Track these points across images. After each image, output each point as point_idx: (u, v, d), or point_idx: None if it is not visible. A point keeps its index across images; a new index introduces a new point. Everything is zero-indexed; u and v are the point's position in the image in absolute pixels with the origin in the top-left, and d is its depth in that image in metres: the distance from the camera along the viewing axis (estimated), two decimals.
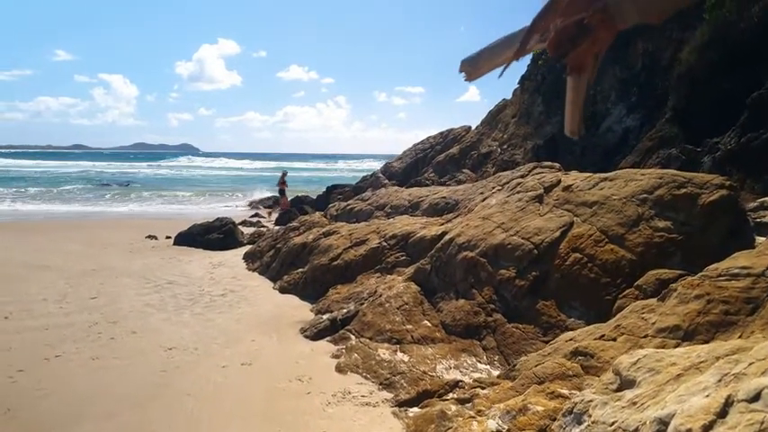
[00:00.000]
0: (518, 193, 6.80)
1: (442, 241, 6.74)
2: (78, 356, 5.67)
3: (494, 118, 17.76)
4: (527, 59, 15.94)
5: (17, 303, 7.62)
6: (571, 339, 4.33)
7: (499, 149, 14.78)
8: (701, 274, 3.87)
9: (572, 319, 5.01)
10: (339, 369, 5.31)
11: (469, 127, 19.90)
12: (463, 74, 1.33)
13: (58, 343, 6.06)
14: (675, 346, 3.49)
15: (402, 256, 7.46)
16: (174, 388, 4.90)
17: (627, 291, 4.84)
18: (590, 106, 12.47)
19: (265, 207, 26.99)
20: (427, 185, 17.15)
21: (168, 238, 14.34)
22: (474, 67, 1.29)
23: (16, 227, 16.58)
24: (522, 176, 7.81)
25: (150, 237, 14.71)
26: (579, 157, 11.92)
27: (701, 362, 2.57)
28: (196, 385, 4.96)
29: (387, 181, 20.08)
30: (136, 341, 6.15)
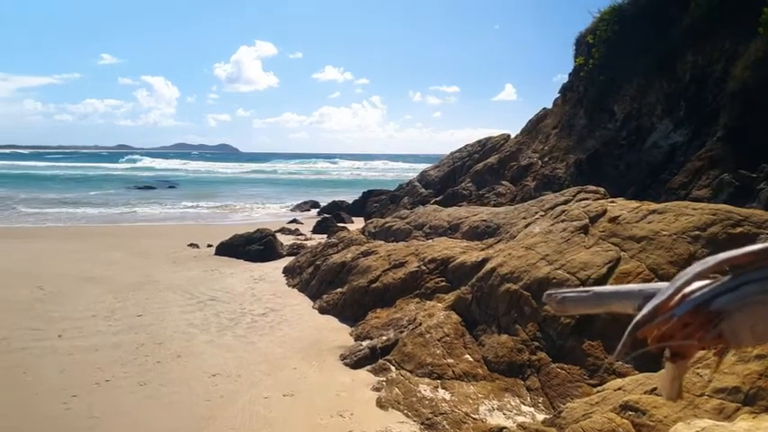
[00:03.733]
0: (562, 221, 6.66)
1: (483, 270, 6.66)
2: (127, 381, 5.83)
3: (534, 127, 17.47)
4: (569, 68, 15.64)
5: (69, 320, 7.89)
6: (620, 389, 4.21)
7: (540, 162, 14.53)
8: None
9: (619, 363, 4.87)
10: (380, 404, 5.30)
11: (508, 135, 19.63)
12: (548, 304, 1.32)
13: (108, 366, 6.24)
14: (735, 411, 3.36)
15: (442, 281, 7.42)
16: (219, 421, 4.98)
17: None
18: (635, 120, 12.15)
19: (302, 211, 27.33)
20: (464, 195, 17.04)
21: (209, 246, 14.64)
22: (562, 307, 1.27)
23: (61, 233, 17.19)
24: (565, 202, 7.66)
25: (192, 245, 15.06)
26: (624, 173, 11.62)
27: None
28: (240, 418, 5.03)
29: (423, 190, 20.02)
30: (181, 366, 6.28)
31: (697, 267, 1.03)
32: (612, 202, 6.80)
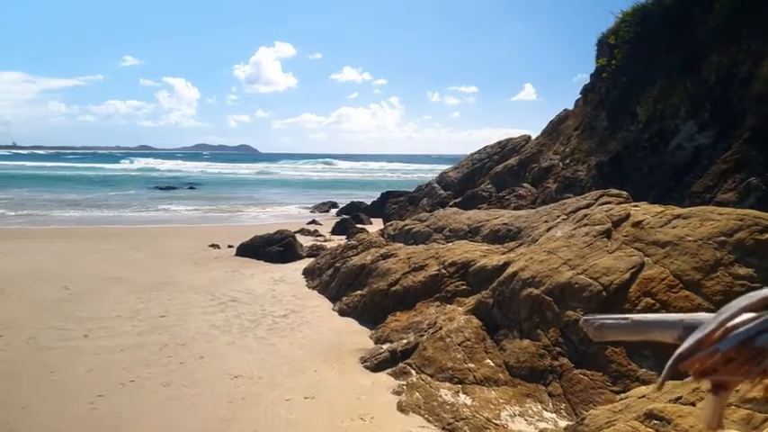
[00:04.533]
0: (585, 225, 6.60)
1: (504, 274, 6.63)
2: (151, 382, 5.92)
3: (555, 128, 17.33)
4: (590, 68, 15.47)
5: (94, 320, 8.03)
6: (644, 397, 4.16)
7: (561, 164, 14.40)
8: None
9: (644, 369, 4.82)
10: (401, 408, 5.31)
11: (529, 136, 19.52)
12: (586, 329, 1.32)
13: (132, 366, 6.34)
14: (763, 422, 3.30)
15: (462, 285, 7.40)
16: (242, 423, 5.03)
17: None
18: (658, 122, 11.99)
19: (321, 212, 27.47)
20: (484, 197, 16.96)
21: (230, 247, 14.81)
22: (599, 333, 1.27)
23: (84, 233, 17.50)
24: (587, 206, 7.58)
25: (213, 246, 15.23)
26: (646, 176, 11.46)
27: None
28: (262, 420, 5.08)
29: (442, 191, 19.98)
30: (204, 367, 6.36)
31: (742, 301, 1.02)
32: (636, 206, 6.71)
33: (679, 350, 1.03)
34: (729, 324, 1.00)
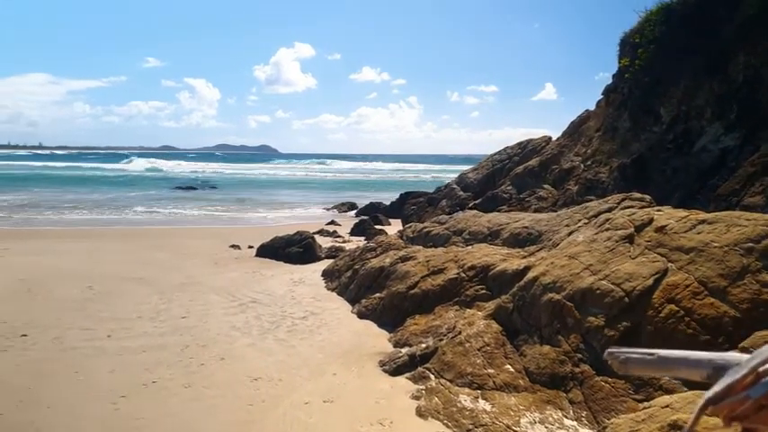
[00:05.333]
0: (607, 230, 6.51)
1: (525, 279, 6.58)
2: (172, 383, 5.99)
3: (576, 129, 17.15)
4: (611, 67, 15.28)
5: (117, 320, 8.16)
6: (668, 406, 4.09)
7: (582, 166, 14.24)
8: None
9: (667, 378, 4.73)
10: (420, 413, 5.30)
11: (549, 138, 19.33)
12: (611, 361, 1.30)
13: (154, 367, 6.43)
14: None
15: (482, 289, 7.35)
16: (262, 425, 5.07)
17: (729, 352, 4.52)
18: (682, 123, 11.78)
19: (340, 212, 27.56)
20: (504, 199, 16.84)
21: (250, 247, 14.93)
22: (624, 366, 1.25)
23: (107, 233, 17.79)
24: (609, 210, 7.48)
25: (233, 246, 15.38)
26: (670, 178, 11.28)
27: None
28: (281, 424, 5.11)
29: (462, 193, 19.89)
30: (224, 369, 6.42)
31: None
32: (659, 210, 6.61)
33: (708, 394, 1.00)
34: (761, 369, 0.97)
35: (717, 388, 0.99)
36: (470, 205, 17.34)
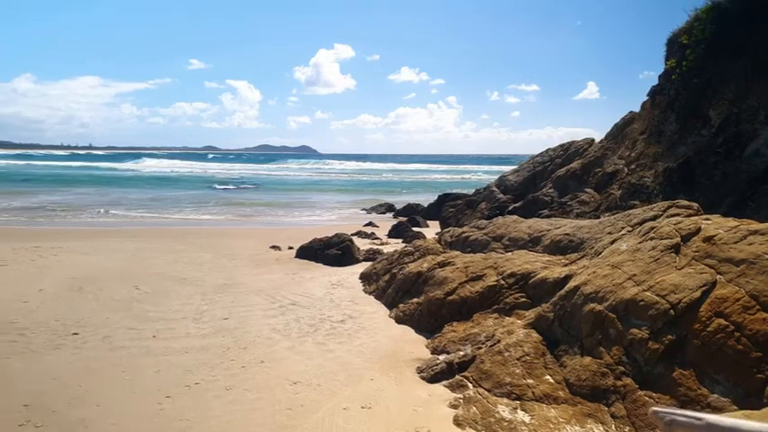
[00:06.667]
0: (651, 239, 6.34)
1: (566, 288, 6.47)
2: (214, 385, 6.14)
3: (620, 132, 16.74)
4: (655, 65, 14.85)
5: (162, 321, 8.41)
6: None
7: (626, 169, 13.88)
8: None
9: (715, 395, 4.58)
10: (457, 423, 5.28)
11: (592, 140, 18.93)
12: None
13: (197, 368, 6.60)
14: None
15: (521, 297, 7.27)
16: (300, 430, 5.14)
17: None
18: (733, 126, 11.36)
19: (378, 213, 27.66)
20: (546, 202, 16.59)
21: (290, 248, 15.16)
22: (669, 429, 1.24)
23: (153, 233, 18.33)
24: (654, 217, 7.28)
25: (273, 247, 15.64)
26: (719, 184, 10.89)
27: None
28: (320, 429, 5.17)
29: (501, 195, 19.68)
30: (264, 372, 6.54)
31: None
32: (707, 219, 6.39)
33: None
34: None
35: None
36: (510, 209, 17.15)
